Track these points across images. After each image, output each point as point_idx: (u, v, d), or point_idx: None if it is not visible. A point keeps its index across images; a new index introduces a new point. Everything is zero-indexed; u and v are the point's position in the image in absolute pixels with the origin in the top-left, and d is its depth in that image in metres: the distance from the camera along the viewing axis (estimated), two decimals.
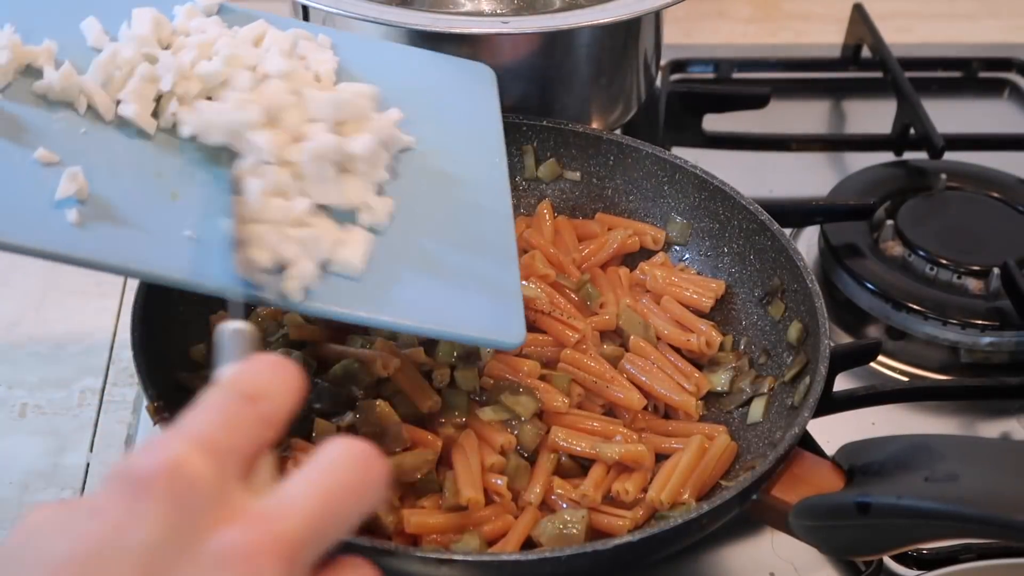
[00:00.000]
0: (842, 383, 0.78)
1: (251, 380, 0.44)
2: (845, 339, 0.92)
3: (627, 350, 0.78)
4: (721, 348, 0.80)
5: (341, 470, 0.42)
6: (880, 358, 0.89)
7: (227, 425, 0.42)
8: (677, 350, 0.79)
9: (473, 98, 0.81)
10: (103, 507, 0.39)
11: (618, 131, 0.96)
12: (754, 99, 1.10)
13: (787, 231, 0.81)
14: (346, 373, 0.72)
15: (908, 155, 1.08)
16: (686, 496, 0.68)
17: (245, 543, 0.39)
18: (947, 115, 1.08)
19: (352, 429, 0.69)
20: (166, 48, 0.69)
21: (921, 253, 0.94)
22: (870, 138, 1.13)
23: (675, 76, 1.19)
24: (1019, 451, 0.74)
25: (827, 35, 1.31)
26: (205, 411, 0.42)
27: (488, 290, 0.67)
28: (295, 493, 0.41)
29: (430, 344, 0.75)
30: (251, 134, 0.64)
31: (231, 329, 0.50)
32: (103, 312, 0.90)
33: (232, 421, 0.42)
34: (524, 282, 0.78)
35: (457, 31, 0.84)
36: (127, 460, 0.40)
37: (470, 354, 0.74)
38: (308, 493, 0.41)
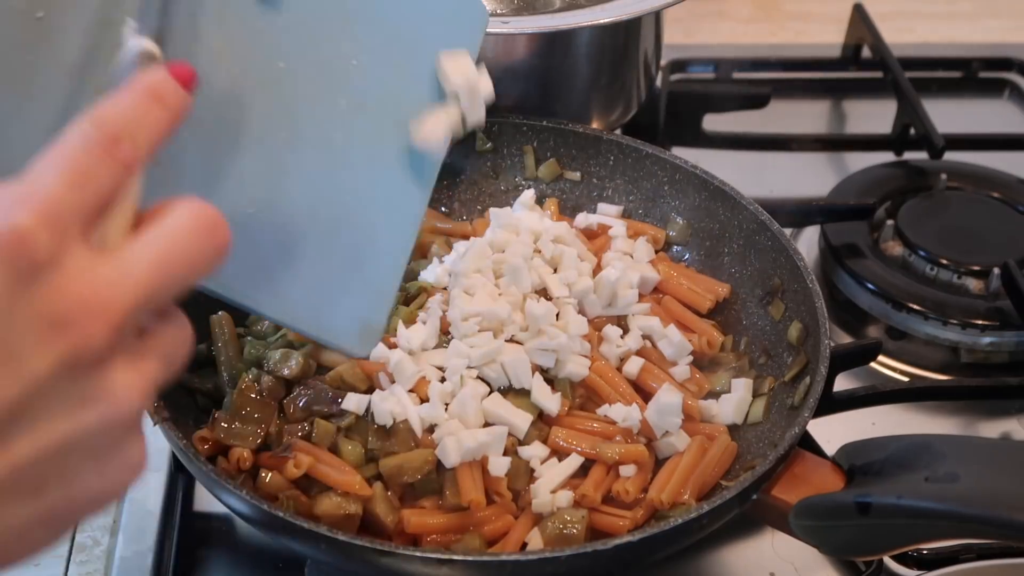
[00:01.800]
0: (842, 383, 0.78)
1: (119, 117, 0.45)
2: (845, 339, 0.93)
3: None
4: (721, 348, 0.80)
5: (184, 239, 0.45)
6: (880, 358, 0.89)
7: (79, 178, 0.43)
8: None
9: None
10: None
11: (618, 131, 0.96)
12: (754, 99, 1.11)
13: (787, 231, 0.81)
14: (347, 373, 0.72)
15: (908, 155, 1.08)
16: (686, 496, 0.68)
17: (75, 310, 0.41)
18: (947, 115, 1.08)
19: (358, 429, 0.70)
20: None
21: (921, 253, 0.94)
22: (870, 138, 1.13)
23: (675, 76, 1.19)
24: (1019, 451, 0.74)
25: (827, 35, 1.31)
26: (63, 157, 0.43)
27: (360, 292, 0.64)
28: (133, 261, 0.43)
29: None
30: None
31: (136, 49, 0.48)
32: None
33: (86, 171, 0.43)
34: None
35: None
36: None
37: None
38: (146, 261, 0.43)
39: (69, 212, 0.42)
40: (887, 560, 0.74)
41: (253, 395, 0.71)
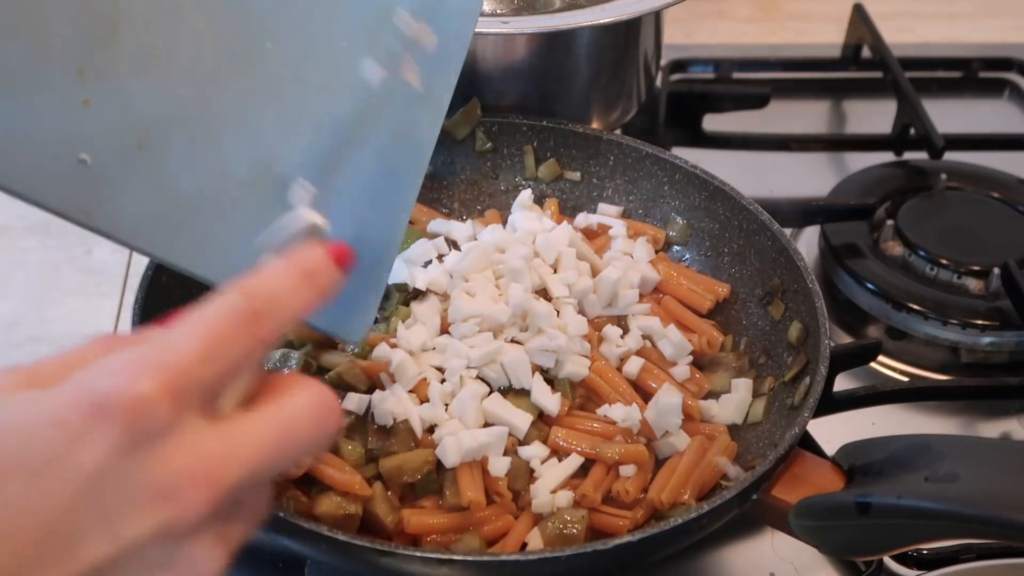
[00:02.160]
0: (842, 383, 0.78)
1: (267, 292, 0.45)
2: (845, 339, 0.93)
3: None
4: (721, 348, 0.80)
5: (298, 423, 0.45)
6: (880, 358, 0.89)
7: (214, 351, 0.43)
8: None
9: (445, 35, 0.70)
10: (64, 419, 0.40)
11: (618, 131, 0.96)
12: (754, 99, 1.11)
13: (787, 231, 0.81)
14: (347, 373, 0.72)
15: (908, 155, 1.08)
16: (686, 496, 0.68)
17: (181, 483, 0.41)
18: (947, 115, 1.08)
19: (357, 429, 0.69)
20: None
21: (921, 253, 0.94)
22: (870, 138, 1.13)
23: (675, 76, 1.19)
24: (1019, 451, 0.74)
25: (827, 35, 1.31)
26: (204, 326, 0.44)
27: (355, 278, 0.61)
28: (245, 438, 0.44)
29: None
30: None
31: (304, 221, 0.50)
32: (103, 312, 0.90)
33: (223, 343, 0.43)
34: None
35: None
36: (98, 375, 0.41)
37: None
38: (257, 440, 0.44)
39: (195, 384, 0.42)
40: (887, 560, 0.74)
41: None
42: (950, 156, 1.05)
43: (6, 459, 0.39)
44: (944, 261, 0.93)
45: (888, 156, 1.09)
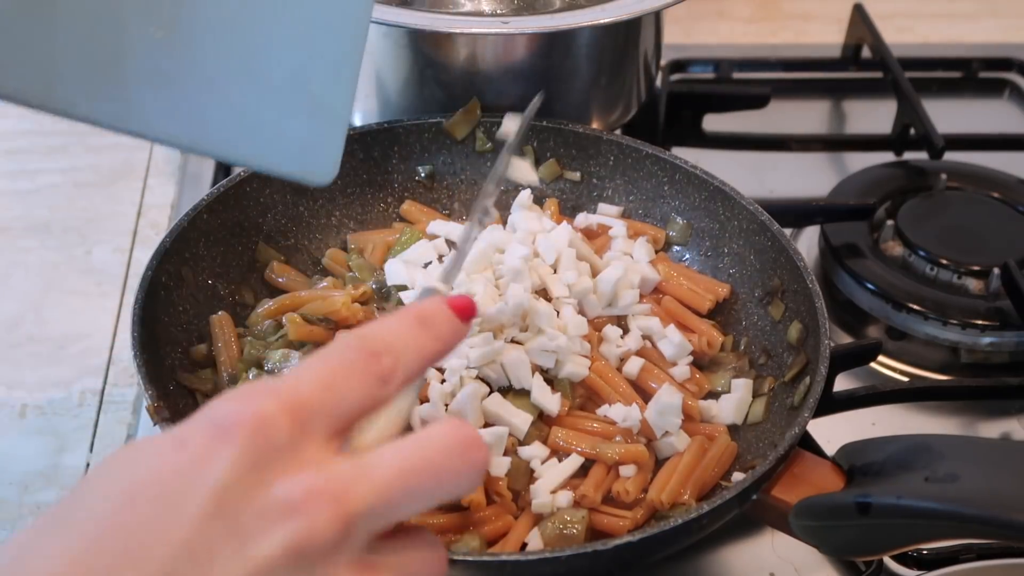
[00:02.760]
0: (842, 383, 0.78)
1: (384, 335, 0.46)
2: (845, 339, 0.93)
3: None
4: (721, 348, 0.80)
5: (435, 451, 0.44)
6: (880, 358, 0.89)
7: (330, 381, 0.44)
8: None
9: None
10: (187, 440, 0.41)
11: (618, 131, 0.96)
12: (754, 99, 1.11)
13: (787, 231, 0.81)
14: None
15: (908, 155, 1.08)
16: (686, 496, 0.68)
17: (307, 497, 0.41)
18: (947, 115, 1.08)
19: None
20: None
21: (921, 253, 0.94)
22: (870, 138, 1.13)
23: (675, 76, 1.19)
24: (1019, 451, 0.74)
25: (827, 35, 1.31)
26: (321, 363, 0.44)
27: (308, 111, 0.58)
28: (376, 463, 0.43)
29: None
30: None
31: (424, 285, 0.50)
32: (103, 312, 0.90)
33: (340, 377, 0.44)
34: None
35: (457, 31, 0.84)
36: (219, 404, 0.42)
37: None
38: (391, 465, 0.43)
39: (314, 409, 0.43)
40: (887, 560, 0.74)
41: None
42: (950, 156, 1.04)
43: (134, 484, 0.40)
44: (944, 261, 0.93)
45: (888, 156, 1.09)
